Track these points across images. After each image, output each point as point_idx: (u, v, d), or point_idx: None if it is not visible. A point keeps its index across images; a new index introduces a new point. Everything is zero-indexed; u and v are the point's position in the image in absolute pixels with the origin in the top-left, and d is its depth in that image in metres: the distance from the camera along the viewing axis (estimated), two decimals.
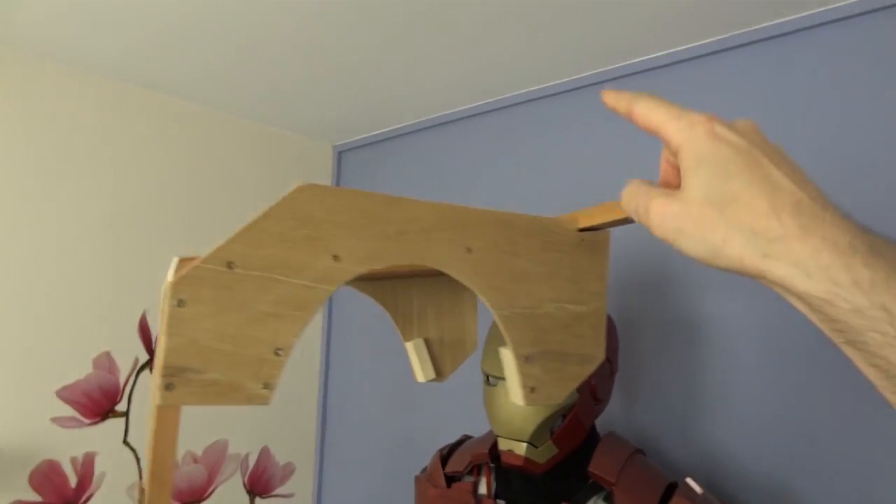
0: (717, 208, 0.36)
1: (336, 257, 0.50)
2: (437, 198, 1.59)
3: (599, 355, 0.62)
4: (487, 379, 0.97)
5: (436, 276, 0.86)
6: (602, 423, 1.16)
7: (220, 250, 0.47)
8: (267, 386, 0.50)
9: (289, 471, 1.84)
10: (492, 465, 1.02)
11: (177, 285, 0.46)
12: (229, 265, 0.47)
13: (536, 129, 1.45)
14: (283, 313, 0.49)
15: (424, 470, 1.16)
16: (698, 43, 1.16)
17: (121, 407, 1.48)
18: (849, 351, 0.34)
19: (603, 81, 1.32)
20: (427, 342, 0.83)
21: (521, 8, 1.09)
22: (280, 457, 1.81)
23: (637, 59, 1.26)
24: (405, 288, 0.83)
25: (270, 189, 1.79)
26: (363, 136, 1.87)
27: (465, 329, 0.86)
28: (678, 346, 1.15)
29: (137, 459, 1.49)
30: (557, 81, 1.40)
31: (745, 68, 1.12)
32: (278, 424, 1.80)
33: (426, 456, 1.53)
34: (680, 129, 0.38)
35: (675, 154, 0.39)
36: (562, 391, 0.60)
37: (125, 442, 1.48)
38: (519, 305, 0.58)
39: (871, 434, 0.94)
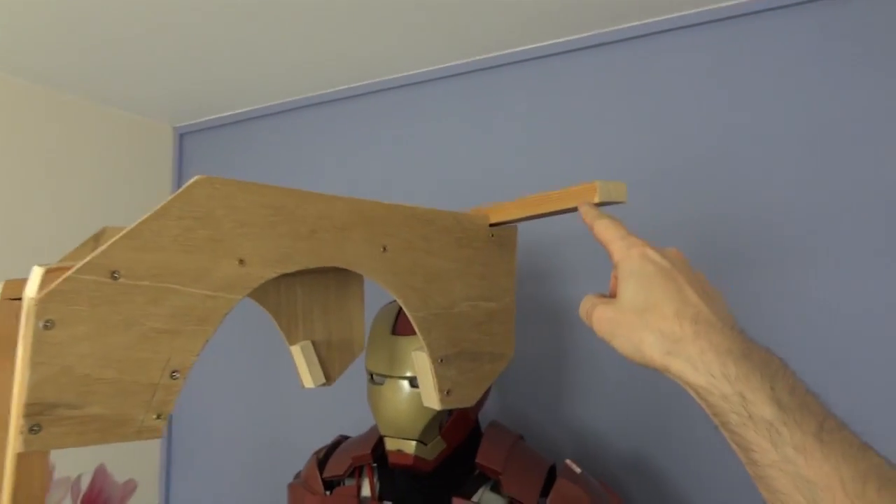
0: (638, 314, 0.44)
1: (242, 261, 0.43)
2: (285, 186, 1.50)
3: (509, 352, 0.61)
4: (372, 377, 0.93)
5: (321, 272, 0.80)
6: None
7: (102, 257, 0.38)
8: (160, 415, 0.42)
9: (129, 489, 1.65)
10: (374, 464, 0.99)
11: (43, 303, 0.36)
12: (113, 275, 0.39)
13: (392, 118, 1.42)
14: (181, 329, 0.41)
15: (298, 476, 1.09)
16: (577, 36, 1.20)
17: None
18: (723, 432, 0.42)
19: (461, 73, 1.32)
20: (314, 344, 0.77)
21: None
22: (119, 474, 1.62)
23: (486, 56, 1.27)
24: (289, 286, 0.76)
25: (100, 174, 1.58)
26: (208, 118, 1.70)
27: (352, 328, 0.81)
28: (547, 331, 1.20)
29: None
30: (413, 71, 1.38)
31: (608, 64, 1.18)
32: None
33: (291, 460, 1.45)
34: (620, 248, 0.47)
35: (615, 267, 0.48)
36: (476, 391, 0.58)
37: None
38: (435, 306, 0.55)
39: None
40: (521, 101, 1.26)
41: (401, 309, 0.93)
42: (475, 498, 0.90)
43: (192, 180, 0.41)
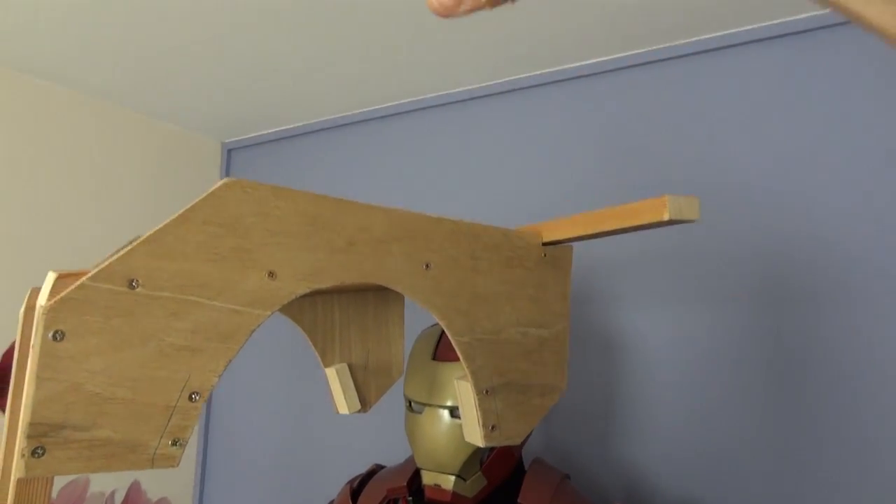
0: None
1: (272, 274, 0.40)
2: None
3: (561, 384, 0.55)
4: (410, 405, 0.88)
5: (360, 290, 0.76)
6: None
7: (119, 263, 0.35)
8: (176, 442, 0.38)
9: None
10: (409, 498, 0.93)
11: (53, 311, 0.33)
12: (131, 283, 0.35)
13: (442, 135, 1.39)
14: (203, 346, 0.37)
15: None
16: (626, 53, 1.15)
17: None
18: None
19: (512, 90, 1.29)
20: (350, 368, 0.73)
21: (418, 9, 1.02)
22: (153, 492, 1.60)
23: (535, 73, 1.23)
24: (326, 304, 0.72)
25: (148, 187, 1.59)
26: (255, 134, 1.71)
27: (391, 352, 0.76)
28: (594, 363, 1.13)
29: None
30: (464, 88, 1.35)
31: (657, 82, 1.13)
32: None
33: (327, 486, 1.40)
34: None
35: None
36: (524, 427, 0.52)
37: None
38: (481, 330, 0.50)
39: (788, 452, 0.95)
40: (573, 118, 1.22)
41: (443, 333, 0.88)
42: None
43: (219, 182, 0.38)
